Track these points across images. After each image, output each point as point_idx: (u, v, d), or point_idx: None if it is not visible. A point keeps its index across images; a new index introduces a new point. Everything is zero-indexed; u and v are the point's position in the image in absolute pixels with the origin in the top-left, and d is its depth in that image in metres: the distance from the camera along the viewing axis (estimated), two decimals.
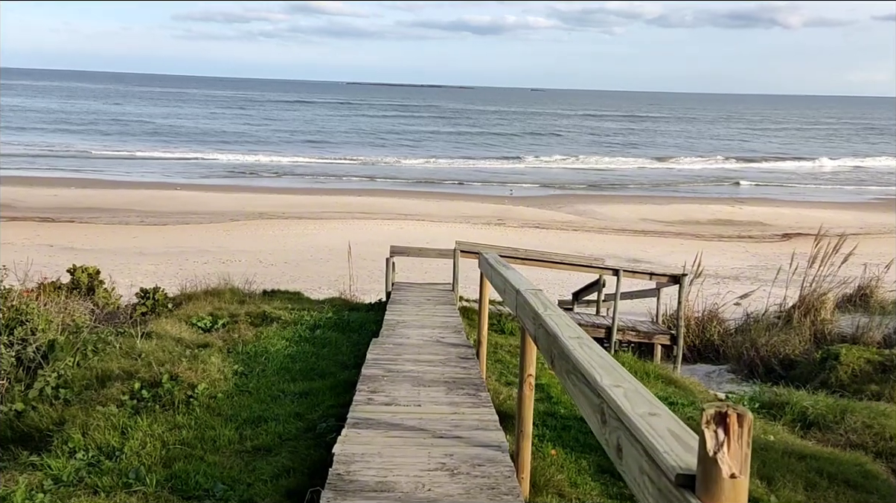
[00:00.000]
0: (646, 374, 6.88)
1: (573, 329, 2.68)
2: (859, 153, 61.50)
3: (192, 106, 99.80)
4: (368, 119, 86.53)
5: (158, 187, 31.83)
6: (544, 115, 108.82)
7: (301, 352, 6.57)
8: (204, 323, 7.59)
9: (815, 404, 5.38)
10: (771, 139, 77.16)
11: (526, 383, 3.51)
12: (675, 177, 43.81)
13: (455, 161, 46.43)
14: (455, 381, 5.29)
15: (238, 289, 9.83)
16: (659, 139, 72.33)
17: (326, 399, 5.22)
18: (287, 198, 30.35)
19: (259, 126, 70.02)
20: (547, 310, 3.03)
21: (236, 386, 5.48)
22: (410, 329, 7.21)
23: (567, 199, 32.95)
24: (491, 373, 6.04)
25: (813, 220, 28.51)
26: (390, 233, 22.38)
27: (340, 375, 5.82)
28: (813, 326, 10.96)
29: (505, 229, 24.21)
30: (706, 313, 11.51)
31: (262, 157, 45.70)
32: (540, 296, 3.33)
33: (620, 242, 22.80)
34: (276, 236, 22.46)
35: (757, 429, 4.70)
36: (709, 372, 10.35)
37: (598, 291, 10.58)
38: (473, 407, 4.75)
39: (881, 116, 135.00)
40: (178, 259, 18.87)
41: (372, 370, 5.54)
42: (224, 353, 6.25)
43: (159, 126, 64.29)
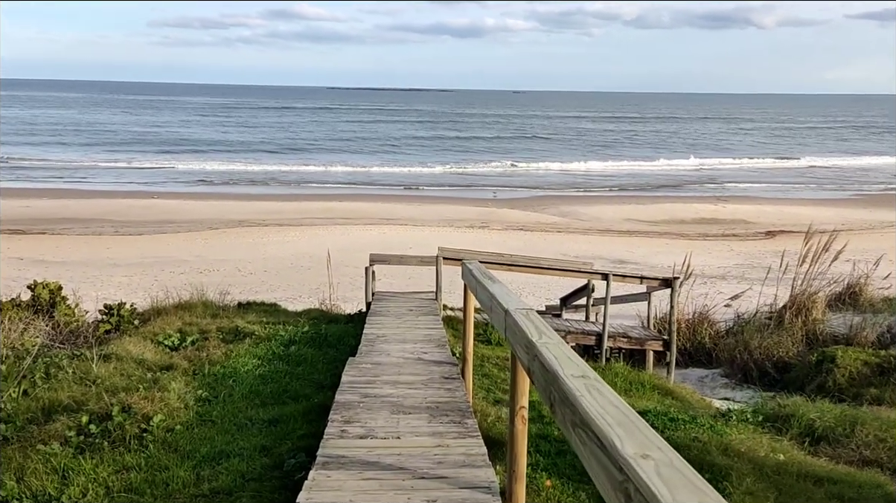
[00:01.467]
0: (641, 385, 6.56)
1: (577, 365, 2.23)
2: (836, 151, 61.90)
3: (171, 114, 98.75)
4: (349, 124, 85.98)
5: (135, 196, 31.22)
6: (525, 118, 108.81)
7: (273, 372, 6.13)
8: (171, 341, 7.13)
9: (822, 416, 5.06)
10: (749, 137, 77.57)
11: (518, 416, 3.04)
12: (658, 177, 43.74)
13: (436, 166, 46.05)
14: (438, 407, 4.82)
15: (211, 302, 9.36)
16: (639, 139, 72.43)
17: (298, 427, 4.77)
18: (267, 204, 29.87)
19: (238, 133, 69.28)
20: (542, 338, 2.57)
21: (198, 415, 5.00)
22: (390, 344, 6.77)
23: (551, 200, 32.70)
24: (478, 391, 5.61)
25: (795, 217, 28.53)
26: (373, 238, 22.02)
27: (315, 398, 5.38)
28: (805, 327, 10.69)
29: (489, 232, 23.90)
30: (696, 315, 11.22)
31: (241, 165, 45.07)
32: (533, 317, 2.90)
33: (606, 243, 22.57)
34: (255, 244, 22.01)
35: (765, 447, 4.38)
36: (701, 376, 10.05)
37: (588, 296, 10.25)
38: (459, 437, 4.29)
39: (856, 113, 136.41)
40: (154, 270, 18.38)
41: (347, 396, 5.06)
42: (189, 376, 5.79)
43: (137, 134, 63.41)
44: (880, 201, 33.87)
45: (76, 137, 58.76)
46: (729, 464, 3.86)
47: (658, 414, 5.13)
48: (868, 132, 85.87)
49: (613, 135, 76.82)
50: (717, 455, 4.04)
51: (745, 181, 41.29)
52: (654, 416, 5.09)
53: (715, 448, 4.17)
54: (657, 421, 4.98)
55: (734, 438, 4.47)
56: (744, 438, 4.51)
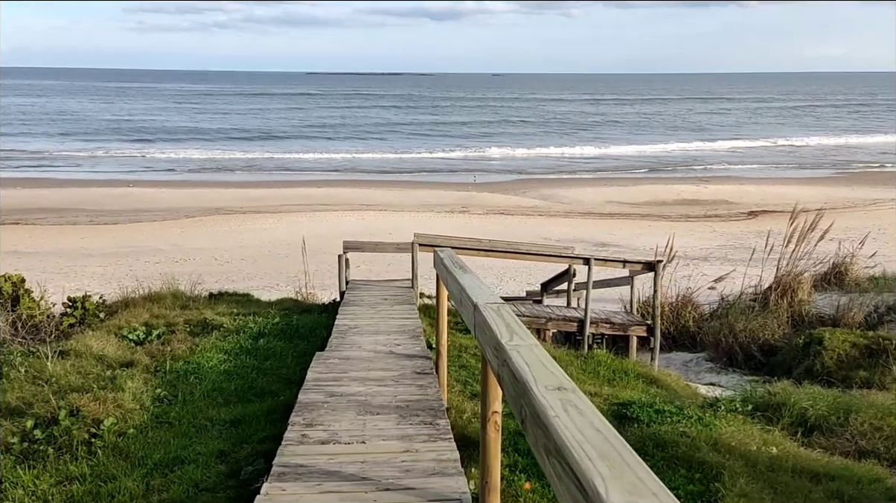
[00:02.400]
0: (624, 373, 6.32)
1: (552, 373, 1.87)
2: (817, 129, 62.13)
3: (146, 101, 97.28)
4: (327, 110, 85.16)
5: (110, 185, 30.65)
6: (504, 101, 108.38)
7: (239, 368, 5.80)
8: (136, 334, 6.77)
9: (814, 404, 4.85)
10: (729, 118, 77.69)
11: (490, 423, 2.73)
12: (638, 160, 43.65)
13: (416, 152, 45.59)
14: (409, 406, 4.49)
15: (181, 293, 9.01)
16: (618, 122, 72.28)
17: (260, 429, 4.47)
18: (244, 192, 29.45)
19: (215, 120, 68.30)
20: (513, 339, 2.22)
21: (154, 417, 4.65)
22: (363, 336, 6.44)
23: (531, 183, 32.50)
24: (453, 385, 5.31)
25: (777, 197, 28.54)
26: (352, 224, 21.75)
27: (282, 395, 5.08)
28: (790, 308, 10.55)
29: (469, 217, 23.67)
30: (680, 298, 11.04)
31: (218, 152, 44.40)
32: (505, 313, 2.57)
33: (587, 226, 22.42)
34: (232, 232, 21.66)
35: (757, 440, 4.16)
36: (686, 361, 9.88)
37: (569, 281, 10.00)
38: (430, 440, 3.94)
39: (837, 92, 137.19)
40: (129, 259, 18.02)
41: (311, 395, 4.71)
42: (149, 374, 5.47)
43: (111, 122, 62.33)
44: (862, 179, 34.00)
45: (50, 126, 57.62)
46: (720, 461, 3.64)
47: (643, 405, 4.90)
48: (847, 111, 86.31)
49: (592, 117, 76.58)
50: (707, 451, 3.80)
51: (726, 162, 41.30)
52: (639, 408, 4.87)
53: (704, 443, 3.94)
54: (642, 413, 4.76)
55: (724, 431, 4.25)
56: (734, 431, 4.29)
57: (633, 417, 4.72)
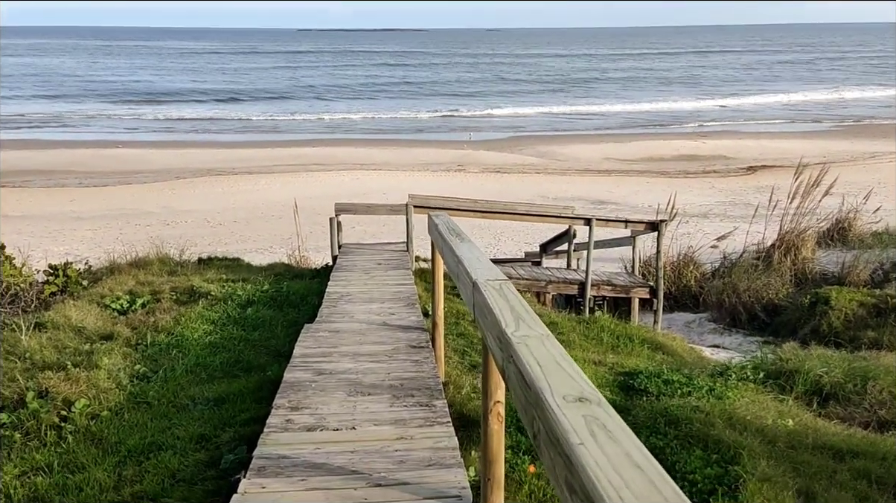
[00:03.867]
0: (629, 339, 6.10)
1: (572, 378, 1.51)
2: (816, 83, 61.40)
3: (131, 59, 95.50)
4: (319, 68, 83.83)
5: (98, 146, 30.10)
6: (498, 57, 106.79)
7: (226, 340, 5.52)
8: (119, 304, 6.51)
9: (829, 371, 4.64)
10: (727, 71, 76.73)
11: (493, 414, 2.42)
12: (634, 117, 43.11)
13: (410, 111, 44.84)
14: (403, 385, 4.16)
15: (169, 258, 8.71)
16: (617, 76, 71.29)
17: (245, 408, 4.19)
18: (237, 152, 28.99)
19: (204, 79, 67.15)
20: (520, 328, 1.86)
21: (132, 396, 4.34)
22: (355, 304, 6.15)
23: (528, 140, 32.04)
24: (451, 356, 5.05)
25: (776, 152, 28.21)
26: (346, 184, 21.42)
27: (269, 370, 4.81)
28: (794, 266, 10.31)
29: (465, 175, 23.31)
30: (681, 258, 10.80)
31: (208, 111, 43.66)
32: (508, 293, 2.24)
33: (585, 183, 22.12)
34: (224, 193, 21.32)
35: (772, 413, 3.94)
36: (688, 321, 9.68)
37: (569, 242, 9.73)
38: (426, 424, 3.63)
39: (834, 44, 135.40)
40: (119, 222, 17.73)
41: (297, 373, 4.38)
42: (130, 348, 5.19)
43: (98, 82, 61.18)
44: (861, 132, 33.62)
45: (35, 87, 56.51)
46: (737, 440, 3.42)
47: (650, 375, 4.68)
48: (845, 63, 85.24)
49: (587, 73, 75.49)
50: (723, 428, 3.58)
51: (724, 118, 40.79)
52: (646, 378, 4.65)
53: (719, 419, 3.72)
54: (650, 384, 4.54)
55: (738, 404, 4.03)
56: (748, 403, 4.07)
57: (641, 389, 4.51)
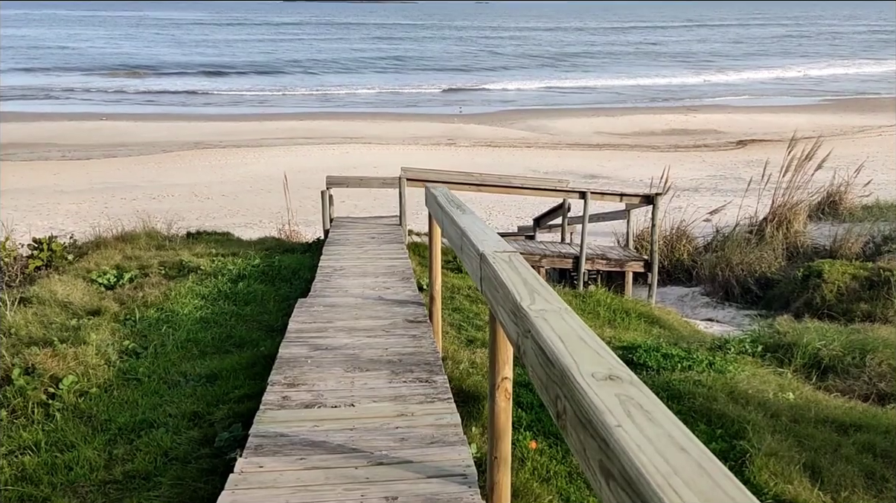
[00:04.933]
0: (625, 314, 6.07)
1: (599, 354, 1.41)
2: (803, 58, 61.33)
3: (111, 29, 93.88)
4: (306, 40, 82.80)
5: (82, 118, 29.65)
6: (485, 31, 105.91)
7: (217, 315, 5.42)
8: (106, 278, 6.38)
9: (827, 344, 4.63)
10: (715, 45, 76.50)
11: (500, 391, 2.34)
12: (626, 92, 42.92)
13: (399, 84, 44.40)
14: (401, 360, 4.06)
15: (157, 233, 8.58)
16: (606, 51, 70.87)
17: (239, 385, 4.10)
18: (224, 125, 28.64)
19: (189, 50, 66.16)
20: (536, 302, 1.75)
21: (121, 372, 4.24)
22: (349, 279, 6.03)
23: (519, 114, 31.87)
24: (448, 331, 4.99)
25: (766, 126, 28.22)
26: (336, 158, 21.25)
27: (262, 345, 4.72)
28: (786, 239, 10.32)
29: (456, 149, 23.17)
30: (674, 231, 10.78)
31: (194, 83, 43.08)
32: (518, 264, 2.14)
33: (576, 157, 22.05)
34: (212, 167, 21.10)
35: (772, 385, 3.93)
36: (681, 295, 9.68)
37: (563, 216, 9.67)
38: (426, 401, 3.54)
39: (820, 17, 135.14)
40: (104, 196, 17.52)
41: (293, 349, 4.25)
42: (118, 323, 5.09)
43: (74, 53, 60.10)
44: (849, 106, 33.64)
45: (15, 61, 55.42)
46: (741, 414, 3.40)
47: (649, 349, 4.65)
48: (829, 38, 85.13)
49: (576, 47, 74.94)
50: (725, 402, 3.57)
51: (713, 93, 40.70)
52: (645, 353, 4.62)
53: (721, 393, 3.70)
54: (650, 358, 4.52)
55: (739, 378, 4.01)
56: (749, 377, 4.06)
57: (640, 363, 4.48)
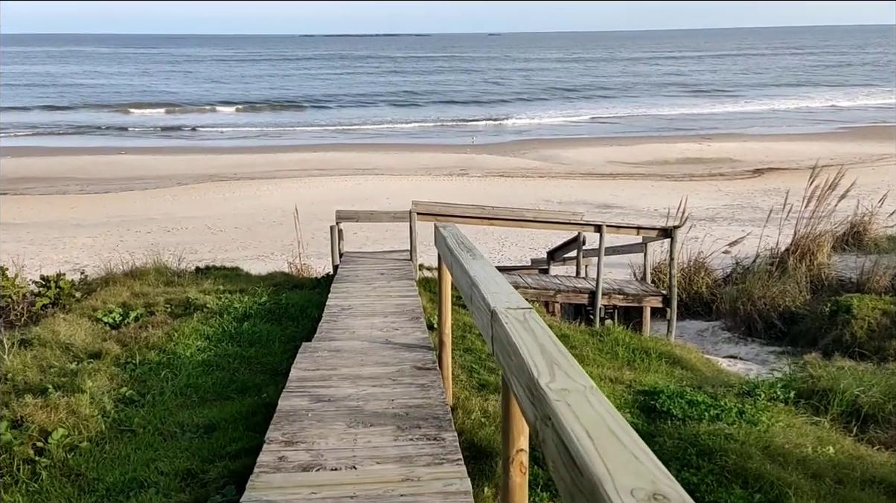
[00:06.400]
0: (645, 353, 5.79)
1: (637, 459, 1.16)
2: (815, 87, 61.15)
3: (134, 66, 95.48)
4: (323, 73, 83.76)
5: (100, 152, 29.98)
6: (498, 62, 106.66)
7: (220, 357, 5.21)
8: (112, 317, 6.23)
9: (866, 389, 4.33)
10: (726, 75, 76.57)
11: (514, 465, 2.05)
12: (635, 123, 42.85)
13: (412, 116, 44.52)
14: (408, 414, 3.78)
15: (166, 268, 8.43)
16: (617, 82, 71.05)
17: (237, 437, 3.86)
18: (239, 157, 28.81)
19: (205, 85, 67.03)
20: (556, 379, 1.47)
21: (115, 423, 4.00)
22: (356, 319, 5.82)
23: (531, 144, 31.82)
24: (458, 374, 4.73)
25: (782, 154, 27.95)
26: (348, 189, 21.23)
27: (265, 391, 4.50)
28: (809, 272, 10.00)
29: (468, 180, 23.08)
30: (692, 263, 10.50)
31: (211, 117, 43.51)
32: (535, 326, 1.86)
33: (589, 187, 21.88)
34: (226, 199, 21.14)
35: (810, 438, 3.63)
36: (700, 330, 9.37)
37: (578, 249, 9.43)
38: (434, 462, 3.22)
39: (827, 46, 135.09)
40: (119, 230, 17.57)
41: (293, 401, 3.99)
42: (118, 367, 4.88)
43: (95, 88, 60.98)
44: (867, 134, 33.31)
45: (30, 98, 56.20)
46: (780, 475, 3.11)
47: (673, 395, 4.37)
48: (840, 67, 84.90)
49: (586, 78, 75.03)
50: (761, 460, 3.28)
51: (728, 121, 40.52)
52: (668, 399, 4.34)
53: (755, 448, 3.42)
54: (673, 405, 4.24)
55: (774, 431, 3.73)
56: (784, 428, 3.77)
57: (663, 411, 4.20)
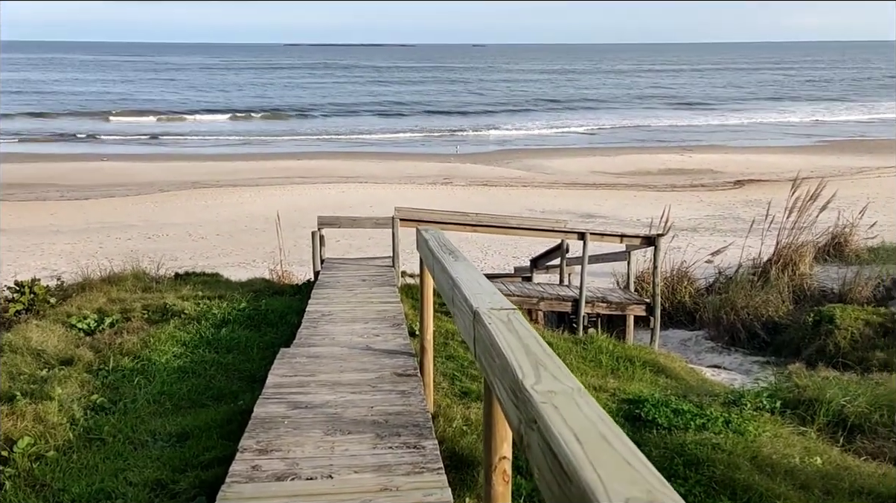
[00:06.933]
0: (629, 362, 5.73)
1: (630, 465, 1.09)
2: (798, 101, 61.87)
3: (117, 73, 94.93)
4: (307, 81, 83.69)
5: (82, 159, 29.68)
6: (481, 72, 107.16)
7: (196, 363, 5.07)
8: (86, 323, 6.05)
9: (852, 399, 4.29)
10: (707, 89, 77.37)
11: (497, 473, 1.95)
12: (622, 133, 43.10)
13: (396, 126, 44.46)
14: (388, 422, 3.66)
15: (144, 274, 8.28)
16: (600, 94, 71.54)
17: (210, 446, 3.71)
18: (221, 165, 28.66)
19: (188, 92, 66.71)
20: (541, 380, 1.40)
21: (85, 431, 3.86)
22: (337, 325, 5.70)
23: (515, 154, 31.90)
24: (440, 382, 4.63)
25: (763, 166, 28.21)
26: (332, 197, 21.14)
27: (242, 398, 4.37)
28: (791, 282, 10.02)
29: (452, 188, 23.06)
30: (675, 272, 10.49)
31: (194, 124, 43.28)
32: (519, 327, 1.79)
33: (572, 197, 21.93)
34: (208, 206, 20.98)
35: (798, 448, 3.58)
36: (684, 339, 9.35)
37: (562, 257, 9.38)
38: (414, 471, 3.09)
39: (805, 62, 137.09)
40: (99, 236, 17.36)
41: (269, 407, 3.85)
42: (90, 374, 4.74)
43: (80, 95, 60.47)
44: (846, 147, 33.71)
45: (12, 105, 55.58)
46: (769, 486, 3.05)
47: (658, 403, 4.31)
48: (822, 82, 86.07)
49: (571, 89, 75.49)
50: (749, 471, 3.21)
51: (709, 133, 40.85)
52: (653, 407, 4.28)
53: (743, 459, 3.36)
54: (658, 414, 4.18)
55: (761, 441, 3.68)
56: (771, 438, 3.72)
57: (648, 420, 4.14)
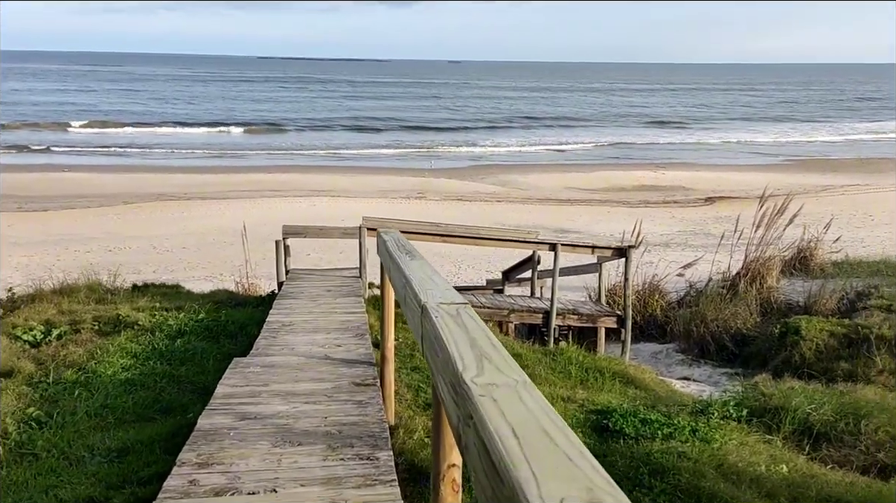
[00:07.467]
0: (598, 373, 5.64)
1: (571, 459, 0.98)
2: (761, 124, 62.99)
3: (87, 83, 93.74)
4: (279, 94, 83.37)
5: (41, 169, 29.10)
6: (457, 88, 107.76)
7: (146, 376, 4.86)
8: (32, 335, 5.82)
9: (817, 408, 4.25)
10: (678, 108, 78.48)
11: (445, 483, 1.79)
12: (595, 150, 43.52)
13: (369, 141, 44.36)
14: (342, 432, 3.45)
15: (99, 285, 8.02)
16: (572, 112, 72.23)
17: (152, 461, 3.51)
18: (190, 177, 28.26)
19: (158, 104, 66.00)
20: (483, 373, 1.28)
21: (17, 445, 3.66)
22: (297, 335, 5.51)
23: (489, 169, 31.97)
24: (404, 393, 4.45)
25: (733, 183, 28.61)
26: (302, 211, 20.91)
27: (192, 410, 4.16)
28: (759, 295, 10.07)
29: (426, 203, 22.98)
30: (647, 286, 10.49)
31: (162, 136, 42.74)
32: (468, 320, 1.68)
33: (546, 212, 21.98)
34: (175, 219, 20.62)
35: (764, 456, 3.52)
36: (655, 352, 9.32)
37: (533, 269, 9.31)
38: (366, 485, 2.90)
39: (776, 84, 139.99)
40: (57, 248, 16.91)
41: (215, 419, 3.64)
42: (29, 386, 4.52)
43: (45, 105, 59.50)
44: (811, 166, 34.37)
45: None
46: (734, 494, 2.97)
47: (626, 413, 4.21)
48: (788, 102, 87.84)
49: (544, 105, 76.16)
50: (715, 479, 3.14)
51: (681, 152, 41.39)
52: (621, 417, 4.19)
53: (709, 467, 3.28)
54: (626, 424, 4.08)
55: (727, 449, 3.60)
56: (737, 446, 3.65)
57: (616, 430, 4.04)
